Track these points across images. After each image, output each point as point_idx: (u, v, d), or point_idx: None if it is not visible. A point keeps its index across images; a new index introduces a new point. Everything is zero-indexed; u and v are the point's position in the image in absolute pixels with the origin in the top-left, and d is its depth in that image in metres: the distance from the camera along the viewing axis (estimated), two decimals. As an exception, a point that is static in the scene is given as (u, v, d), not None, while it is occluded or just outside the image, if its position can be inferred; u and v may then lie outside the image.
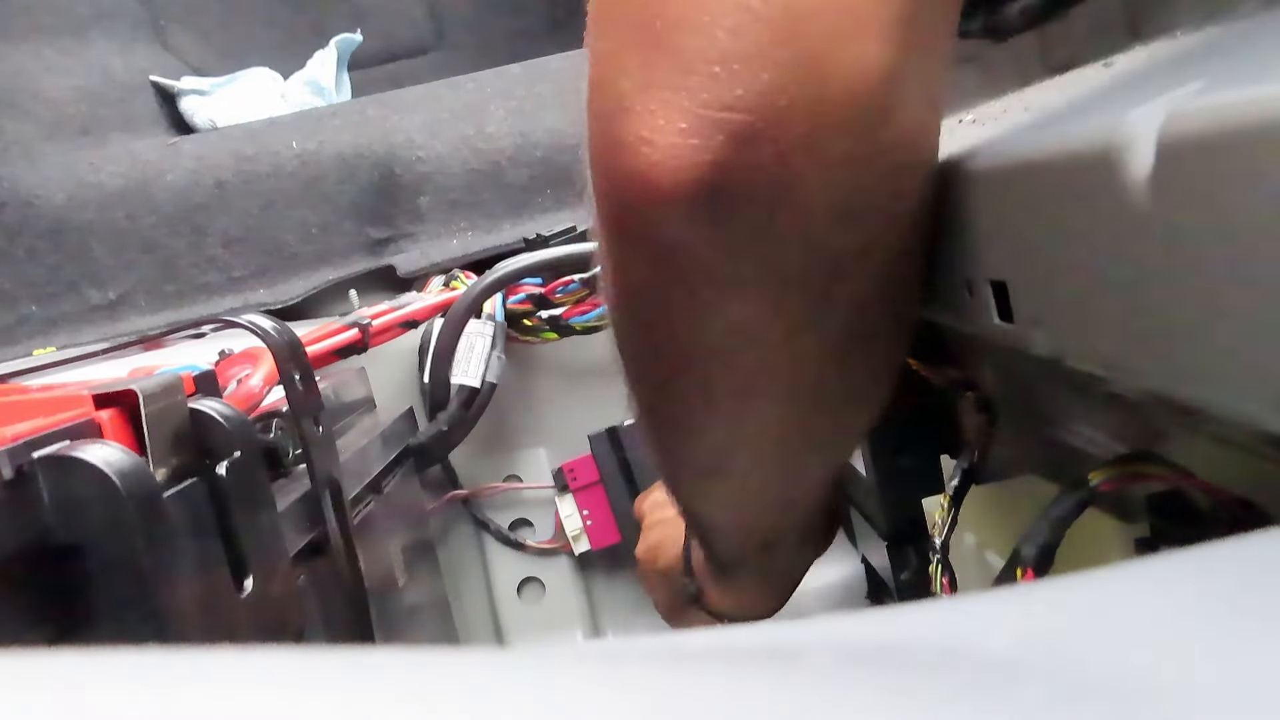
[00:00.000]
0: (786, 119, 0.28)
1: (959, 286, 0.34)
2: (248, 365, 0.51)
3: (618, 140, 0.30)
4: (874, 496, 0.68)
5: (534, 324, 0.80)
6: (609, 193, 0.31)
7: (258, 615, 0.38)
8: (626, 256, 0.33)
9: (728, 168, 0.28)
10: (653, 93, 0.29)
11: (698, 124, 0.28)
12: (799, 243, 0.31)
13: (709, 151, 0.28)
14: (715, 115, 0.28)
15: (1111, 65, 0.31)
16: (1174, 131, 0.20)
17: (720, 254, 0.31)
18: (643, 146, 0.29)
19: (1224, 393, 0.21)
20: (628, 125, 0.29)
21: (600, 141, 0.31)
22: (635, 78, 0.29)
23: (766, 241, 0.30)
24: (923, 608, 0.15)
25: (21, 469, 0.30)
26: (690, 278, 0.32)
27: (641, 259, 0.32)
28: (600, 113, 0.31)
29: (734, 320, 0.33)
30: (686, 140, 0.28)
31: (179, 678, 0.11)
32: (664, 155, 0.29)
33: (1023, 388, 0.49)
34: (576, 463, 0.83)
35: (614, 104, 0.30)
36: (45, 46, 1.21)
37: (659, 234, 0.31)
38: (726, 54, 0.28)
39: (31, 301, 0.96)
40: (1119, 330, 0.24)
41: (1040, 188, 0.27)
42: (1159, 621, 0.13)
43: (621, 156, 0.30)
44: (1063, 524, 0.32)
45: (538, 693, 0.11)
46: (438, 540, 0.84)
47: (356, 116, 1.02)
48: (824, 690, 0.12)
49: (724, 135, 0.28)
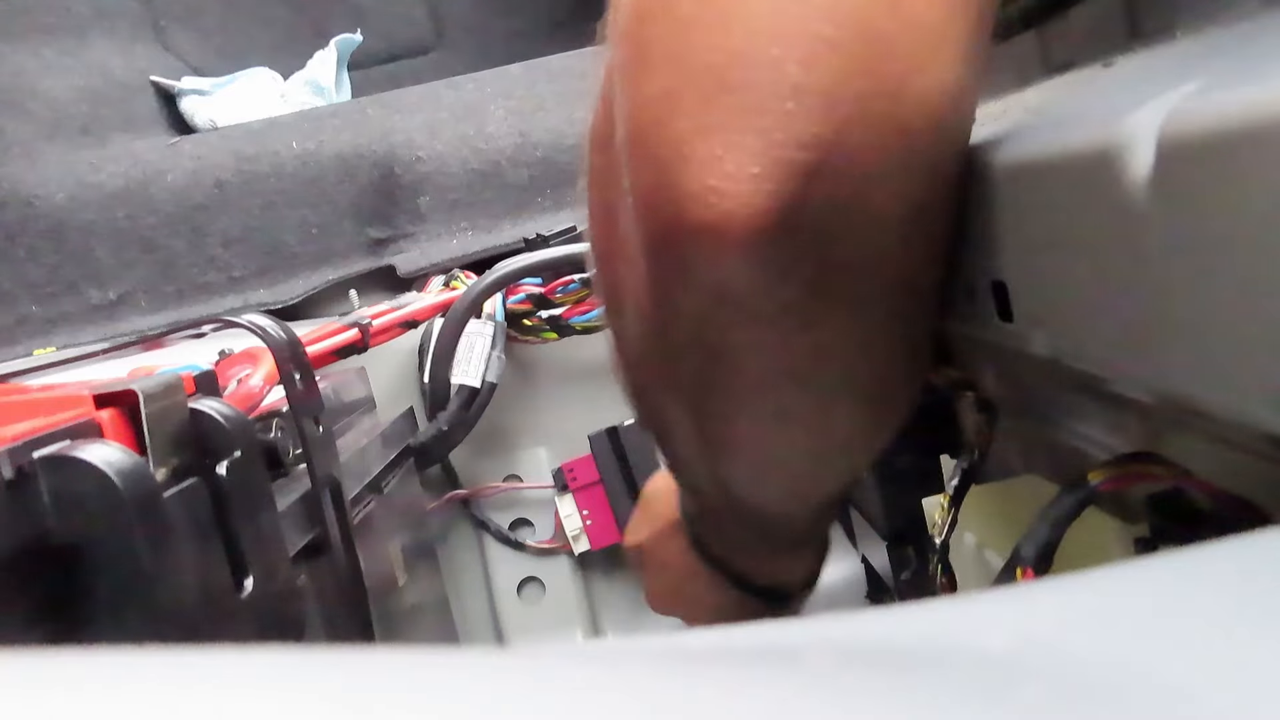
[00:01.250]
0: (865, 152, 0.26)
1: (959, 287, 0.34)
2: (248, 365, 0.51)
3: (678, 190, 0.27)
4: (874, 496, 0.68)
5: (534, 324, 0.80)
6: (667, 242, 0.29)
7: (258, 615, 0.38)
8: (684, 300, 0.31)
9: (804, 209, 0.27)
10: (717, 135, 0.26)
11: (771, 167, 0.26)
12: (874, 271, 0.29)
13: (784, 195, 0.26)
14: (790, 156, 0.26)
15: (1111, 65, 0.31)
16: (1174, 131, 0.20)
17: (794, 292, 0.29)
18: (710, 196, 0.27)
19: (1224, 393, 0.21)
20: (689, 173, 0.27)
21: (653, 191, 0.28)
22: (695, 120, 0.27)
23: (842, 274, 0.29)
24: (923, 608, 0.15)
25: (22, 469, 0.30)
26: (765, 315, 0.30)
27: (703, 301, 0.31)
28: (652, 160, 0.28)
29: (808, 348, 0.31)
30: (760, 186, 0.26)
31: (179, 678, 0.11)
32: (736, 204, 0.27)
33: (1023, 388, 0.49)
34: (576, 463, 0.83)
35: (670, 150, 0.27)
36: (45, 46, 1.21)
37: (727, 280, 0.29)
38: (800, 88, 0.26)
39: (31, 301, 0.96)
40: (1119, 330, 0.24)
41: (1040, 188, 0.27)
42: (1159, 621, 0.13)
43: (684, 207, 0.27)
44: (1063, 524, 0.32)
45: (538, 693, 0.11)
46: (438, 540, 0.84)
47: (356, 116, 1.02)
48: (824, 690, 0.12)
49: (800, 176, 0.26)
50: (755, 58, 0.26)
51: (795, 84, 0.26)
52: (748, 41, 0.26)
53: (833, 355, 0.32)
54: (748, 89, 0.26)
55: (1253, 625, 0.12)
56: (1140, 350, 0.24)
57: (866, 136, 0.26)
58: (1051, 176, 0.26)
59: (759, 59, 0.26)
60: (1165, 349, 0.22)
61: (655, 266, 0.31)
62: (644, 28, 0.28)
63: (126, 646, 0.13)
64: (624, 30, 0.29)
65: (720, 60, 0.26)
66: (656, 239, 0.30)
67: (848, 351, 0.33)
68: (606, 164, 0.34)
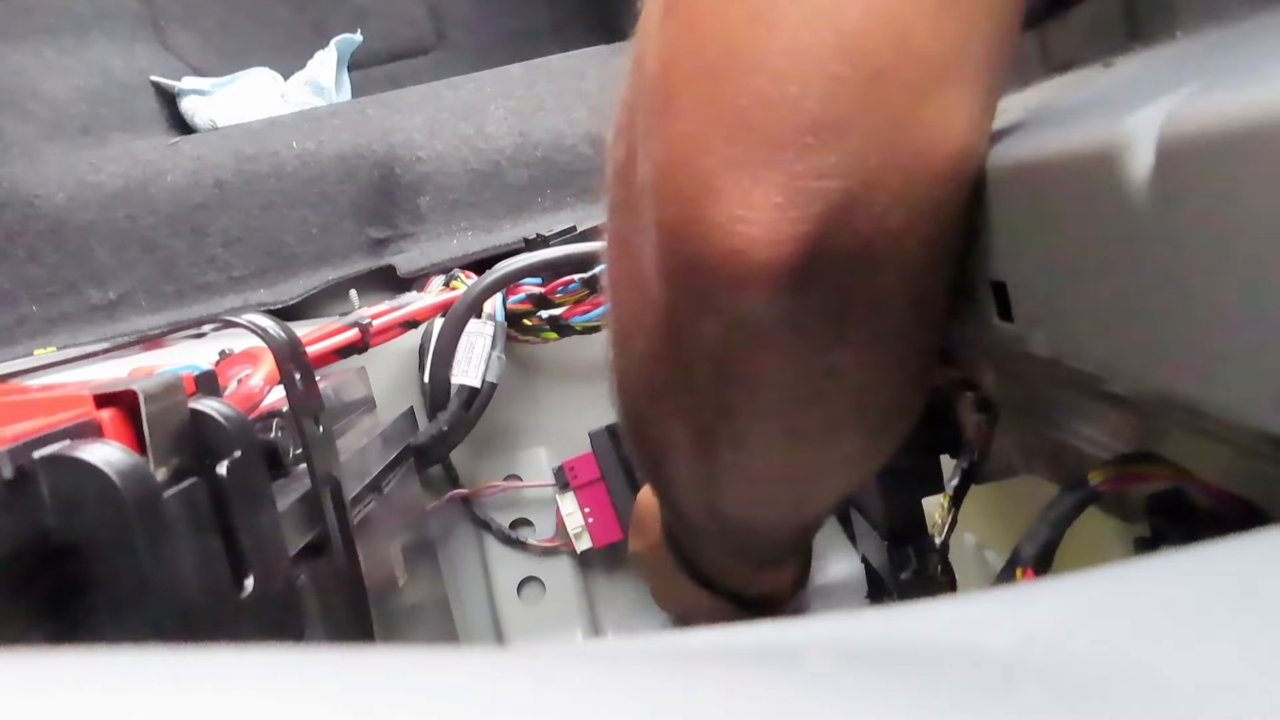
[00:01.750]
0: (881, 180, 0.28)
1: (959, 287, 0.34)
2: (248, 365, 0.51)
3: (706, 221, 0.29)
4: (874, 496, 0.68)
5: (534, 324, 0.80)
6: (693, 271, 0.31)
7: (258, 615, 0.38)
8: (705, 327, 0.33)
9: (826, 236, 0.28)
10: (743, 170, 0.28)
11: (794, 196, 0.28)
12: (893, 298, 0.31)
13: (807, 222, 0.28)
14: (811, 185, 0.28)
15: (1111, 65, 0.31)
16: (1174, 131, 0.20)
17: (816, 320, 0.31)
18: (738, 225, 0.29)
19: (1224, 393, 0.21)
20: (717, 206, 0.29)
21: (681, 223, 0.30)
22: (722, 156, 0.29)
23: (863, 302, 0.31)
24: (923, 608, 0.15)
25: (22, 469, 0.30)
26: (784, 341, 0.32)
27: (724, 327, 0.32)
28: (680, 194, 0.30)
29: (825, 369, 0.33)
30: (784, 214, 0.28)
31: (179, 678, 0.11)
32: (762, 231, 0.28)
33: (1023, 388, 0.49)
34: (577, 460, 0.83)
35: (699, 185, 0.29)
36: (45, 46, 1.21)
37: (751, 306, 0.30)
38: (818, 123, 0.28)
39: (31, 301, 0.96)
40: (1119, 330, 0.24)
41: (1040, 188, 0.27)
42: (1159, 621, 0.13)
43: (712, 238, 0.29)
44: (1063, 524, 0.32)
45: (538, 693, 0.11)
46: (438, 540, 0.84)
47: (356, 116, 1.02)
48: (824, 690, 0.12)
49: (821, 204, 0.28)
50: (776, 98, 0.28)
51: (814, 119, 0.28)
52: (769, 84, 0.28)
53: (847, 377, 0.33)
54: (770, 126, 0.28)
55: (1253, 625, 0.12)
56: (1140, 350, 0.24)
57: (881, 164, 0.28)
58: (1051, 176, 0.26)
59: (780, 99, 0.28)
60: (1165, 349, 0.22)
61: (677, 295, 0.32)
62: (672, 74, 0.30)
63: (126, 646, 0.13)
64: (653, 77, 0.31)
65: (745, 102, 0.28)
66: (681, 268, 0.31)
67: (863, 373, 0.34)
68: (628, 198, 0.35)
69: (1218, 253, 0.20)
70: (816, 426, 0.36)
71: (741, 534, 0.47)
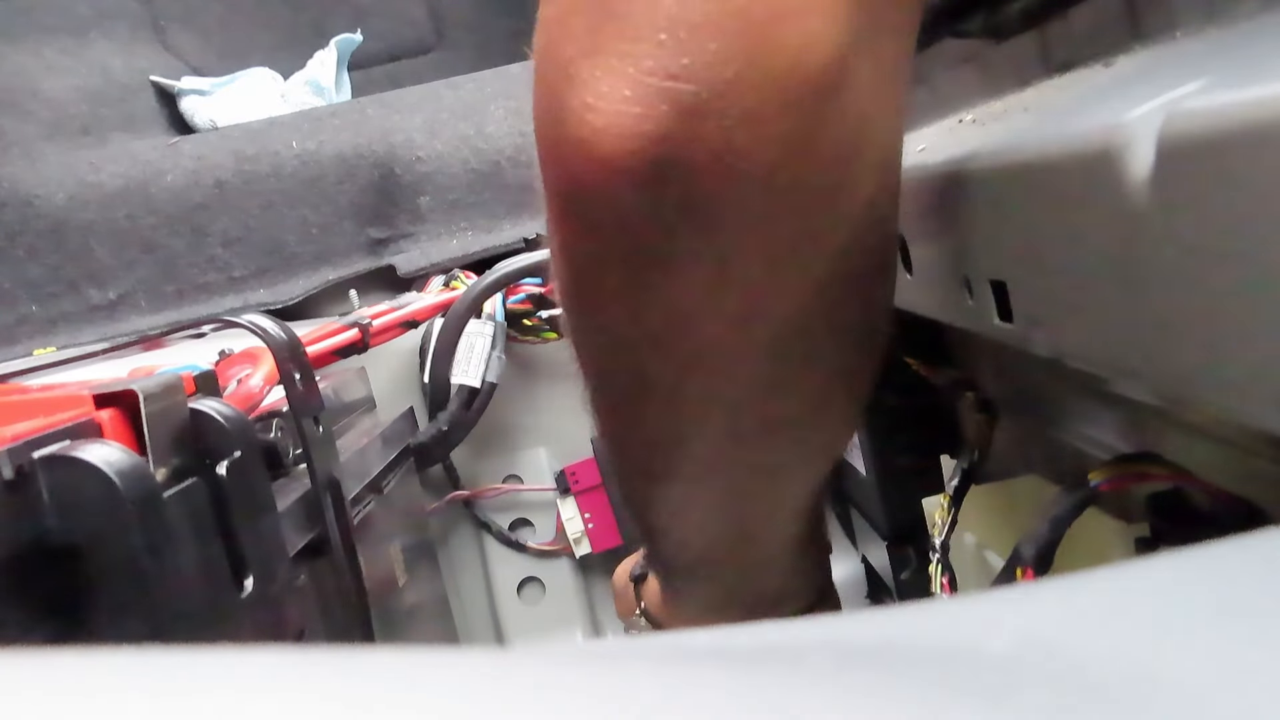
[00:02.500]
0: (732, 91, 0.27)
1: (959, 286, 0.34)
2: (248, 365, 0.51)
3: (562, 106, 0.29)
4: (874, 496, 0.68)
5: (534, 324, 0.80)
6: (551, 160, 0.31)
7: (258, 615, 0.38)
8: (568, 231, 0.32)
9: (670, 139, 0.28)
10: (598, 59, 0.28)
11: (642, 92, 0.28)
12: (737, 222, 0.30)
13: (652, 121, 0.28)
14: (660, 84, 0.27)
15: (1111, 65, 0.31)
16: (1174, 131, 0.20)
17: (660, 229, 0.30)
18: (586, 113, 0.28)
19: (1224, 393, 0.21)
20: (572, 92, 0.29)
21: (544, 108, 0.30)
22: (581, 43, 0.28)
23: (705, 219, 0.30)
24: (923, 608, 0.15)
25: (22, 469, 0.30)
26: (629, 254, 0.31)
27: (582, 232, 0.32)
28: (545, 79, 0.30)
29: (672, 303, 0.32)
30: (630, 109, 0.28)
31: (179, 678, 0.11)
32: (607, 122, 0.28)
33: (1023, 388, 0.49)
34: (578, 465, 0.83)
35: (559, 70, 0.29)
36: (45, 46, 1.21)
37: (600, 205, 0.30)
38: (674, 20, 0.27)
39: (31, 301, 0.96)
40: (1118, 330, 0.24)
41: (1040, 188, 0.27)
42: (1159, 621, 0.13)
43: (565, 123, 0.29)
44: (1063, 524, 0.32)
45: (538, 693, 0.11)
46: (438, 540, 0.84)
47: (356, 116, 1.02)
48: (824, 690, 0.12)
49: (668, 105, 0.28)
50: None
51: (671, 16, 0.27)
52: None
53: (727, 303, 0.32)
54: (627, 18, 0.28)
55: (1253, 625, 0.12)
56: (1140, 350, 0.24)
57: (735, 76, 0.27)
58: (1051, 176, 0.26)
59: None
60: (1165, 349, 0.22)
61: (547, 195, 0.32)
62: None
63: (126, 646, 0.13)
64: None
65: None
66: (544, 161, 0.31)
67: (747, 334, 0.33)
68: None
69: (1217, 252, 0.20)
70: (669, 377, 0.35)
71: (713, 565, 0.46)
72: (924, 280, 0.39)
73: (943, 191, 0.34)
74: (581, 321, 0.36)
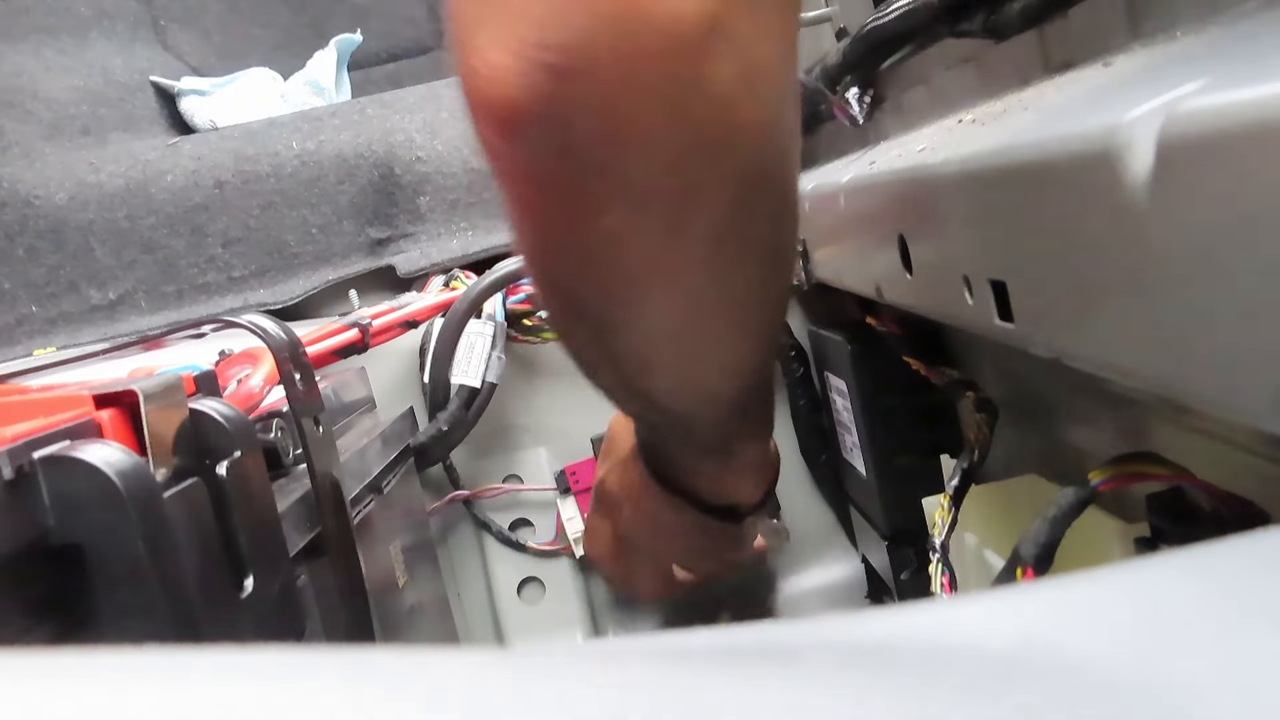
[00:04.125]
0: (604, 61, 0.30)
1: (959, 286, 0.34)
2: (248, 365, 0.51)
3: (462, 67, 0.33)
4: (874, 496, 0.68)
5: (534, 324, 0.80)
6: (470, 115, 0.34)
7: (258, 615, 0.38)
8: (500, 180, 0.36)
9: (549, 99, 0.31)
10: (489, 28, 0.31)
11: (518, 61, 0.31)
12: (628, 172, 0.33)
13: (530, 80, 0.31)
14: (535, 54, 0.30)
15: (1111, 65, 0.31)
16: (1174, 131, 0.20)
17: (568, 174, 0.33)
18: (477, 79, 0.32)
19: (1224, 393, 0.21)
20: (466, 57, 0.32)
21: (456, 68, 0.34)
22: (474, 13, 0.32)
23: (601, 166, 0.33)
24: (923, 608, 0.15)
25: (22, 469, 0.30)
26: (551, 194, 0.35)
27: (505, 177, 0.35)
28: (453, 41, 0.34)
29: (604, 229, 0.35)
30: (507, 74, 0.31)
31: (179, 678, 0.11)
32: (487, 83, 0.32)
33: (1023, 388, 0.49)
34: (579, 465, 0.83)
35: (459, 36, 0.33)
36: (45, 46, 1.21)
37: (505, 152, 0.34)
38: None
39: (31, 301, 0.96)
40: (1118, 330, 0.24)
41: (1040, 188, 0.27)
42: (1158, 621, 0.13)
43: (464, 82, 0.33)
44: (1063, 524, 0.32)
45: (538, 693, 0.11)
46: (438, 540, 0.84)
47: (356, 116, 1.02)
48: (824, 690, 0.12)
49: (542, 71, 0.31)
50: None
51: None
52: None
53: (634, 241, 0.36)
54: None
55: (1253, 625, 0.12)
56: (1140, 350, 0.24)
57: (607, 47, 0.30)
58: (1052, 176, 0.26)
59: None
60: (1165, 348, 0.22)
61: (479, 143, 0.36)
62: None
63: (126, 646, 0.13)
64: None
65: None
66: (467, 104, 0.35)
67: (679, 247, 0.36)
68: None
69: (1217, 252, 0.20)
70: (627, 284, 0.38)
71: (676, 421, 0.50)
72: (924, 280, 0.39)
73: (943, 191, 0.34)
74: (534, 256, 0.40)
